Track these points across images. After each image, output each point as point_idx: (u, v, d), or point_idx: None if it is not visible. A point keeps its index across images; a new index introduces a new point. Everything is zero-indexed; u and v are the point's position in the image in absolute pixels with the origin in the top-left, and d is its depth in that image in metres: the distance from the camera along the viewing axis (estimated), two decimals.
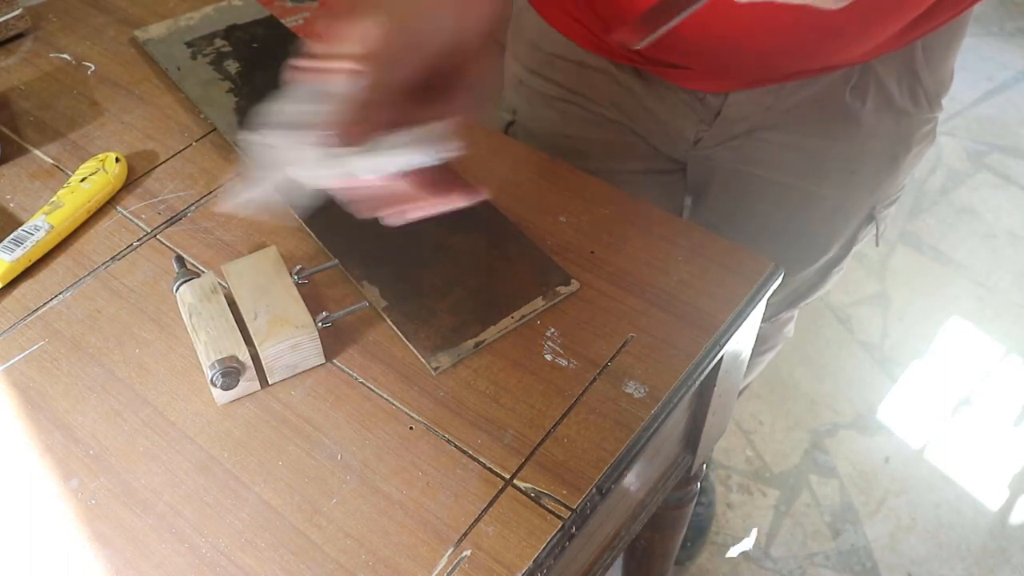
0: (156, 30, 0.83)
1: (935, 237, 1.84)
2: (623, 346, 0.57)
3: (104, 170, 0.67)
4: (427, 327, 0.57)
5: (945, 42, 0.73)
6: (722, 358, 0.60)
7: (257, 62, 0.79)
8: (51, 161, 0.72)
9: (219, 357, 0.52)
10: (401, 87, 0.43)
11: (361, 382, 0.56)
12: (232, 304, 0.56)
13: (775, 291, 0.70)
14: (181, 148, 0.72)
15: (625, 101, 0.79)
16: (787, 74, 0.71)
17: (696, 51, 0.68)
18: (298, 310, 0.55)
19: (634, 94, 0.78)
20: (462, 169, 0.69)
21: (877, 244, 0.88)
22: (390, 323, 0.58)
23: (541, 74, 0.83)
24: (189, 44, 0.81)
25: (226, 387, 0.53)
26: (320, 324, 0.55)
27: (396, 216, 0.47)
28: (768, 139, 0.76)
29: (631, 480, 0.61)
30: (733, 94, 0.73)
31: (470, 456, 0.52)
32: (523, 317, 0.58)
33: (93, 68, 0.80)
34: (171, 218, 0.66)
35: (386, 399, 0.55)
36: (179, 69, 0.78)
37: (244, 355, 0.53)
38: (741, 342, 0.64)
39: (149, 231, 0.65)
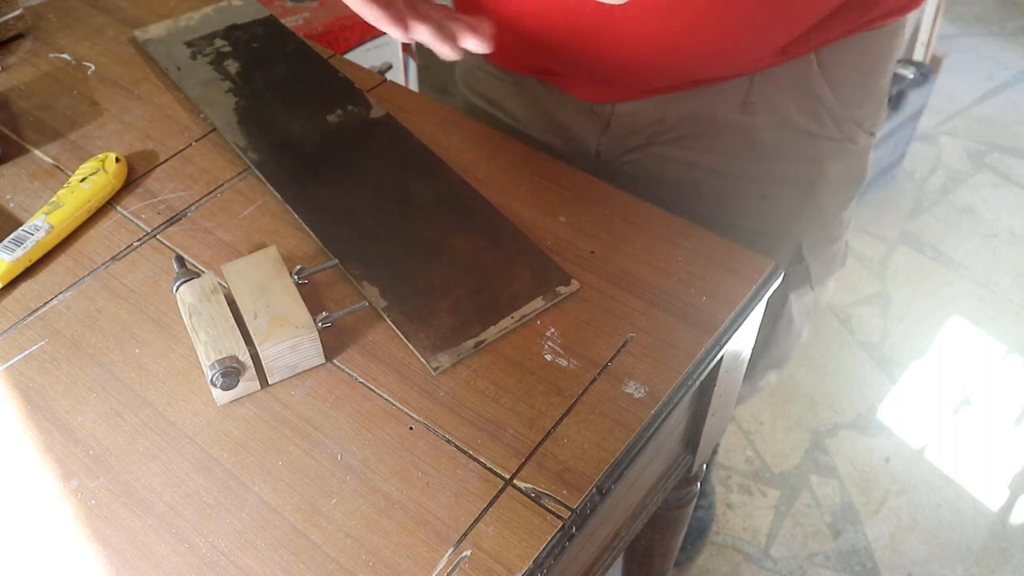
0: (156, 30, 0.83)
1: (935, 237, 1.84)
2: (623, 346, 0.57)
3: (104, 170, 0.67)
4: (427, 327, 0.57)
5: (851, 60, 0.70)
6: (722, 358, 0.60)
7: (257, 62, 0.79)
8: (51, 161, 0.72)
9: (219, 357, 0.52)
10: None
11: (361, 382, 0.56)
12: (232, 304, 0.56)
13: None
14: (181, 148, 0.72)
15: (533, 111, 0.79)
16: (665, 85, 0.69)
17: (564, 55, 0.68)
18: (298, 310, 0.55)
19: (539, 103, 0.78)
20: (461, 168, 0.69)
21: (812, 288, 0.84)
22: (390, 323, 0.58)
23: (467, 83, 0.86)
24: (189, 44, 0.81)
25: (226, 387, 0.52)
26: (320, 324, 0.55)
27: (397, 26, 0.50)
28: (667, 155, 0.75)
29: (631, 480, 0.61)
30: (620, 104, 0.72)
31: (470, 456, 0.52)
32: (523, 317, 0.58)
33: (93, 68, 0.80)
34: (171, 218, 0.66)
35: (386, 399, 0.55)
36: (179, 69, 0.78)
37: (244, 355, 0.53)
38: (741, 342, 0.64)
39: (149, 231, 0.65)
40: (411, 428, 0.53)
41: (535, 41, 0.69)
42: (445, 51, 0.51)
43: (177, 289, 0.57)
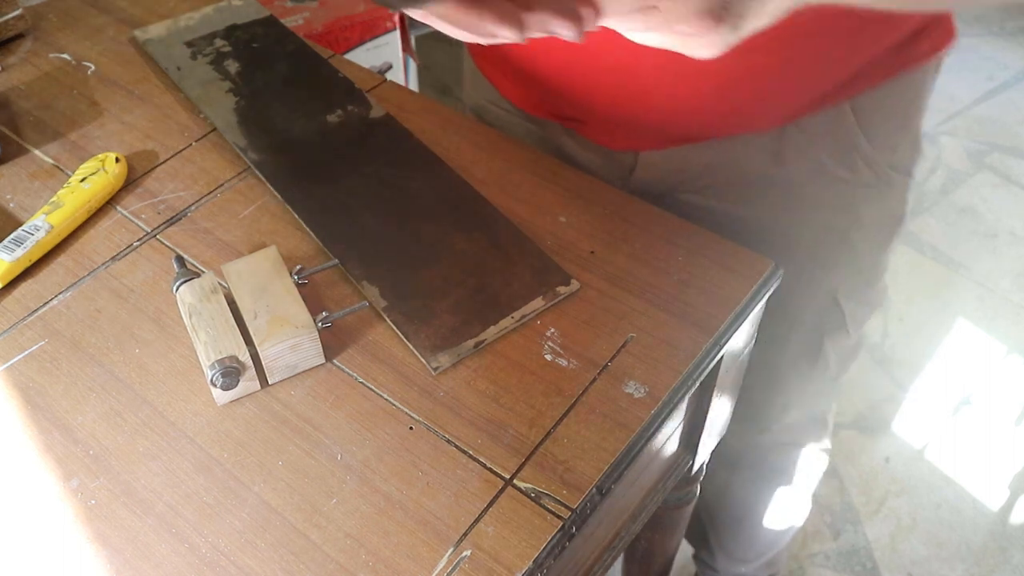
0: (156, 30, 0.83)
1: (935, 237, 1.84)
2: (623, 346, 0.57)
3: (104, 170, 0.67)
4: (427, 327, 0.57)
5: (887, 105, 0.67)
6: (722, 358, 0.60)
7: (257, 62, 0.79)
8: (51, 161, 0.72)
9: (219, 357, 0.52)
10: None
11: (361, 382, 0.56)
12: (232, 304, 0.56)
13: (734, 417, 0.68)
14: (181, 148, 0.72)
15: (551, 153, 0.76)
16: (691, 136, 0.67)
17: (585, 106, 0.67)
18: (298, 310, 0.55)
19: (557, 145, 0.76)
20: (461, 168, 0.69)
21: (849, 332, 0.80)
22: (390, 323, 0.58)
23: (480, 118, 0.82)
24: (189, 44, 0.81)
25: (226, 387, 0.52)
26: (320, 324, 0.55)
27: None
28: (693, 203, 0.73)
29: (631, 480, 0.61)
30: (643, 153, 0.70)
31: (470, 456, 0.52)
32: (523, 317, 0.58)
33: (93, 68, 0.80)
34: (171, 218, 0.66)
35: (386, 399, 0.55)
36: (179, 69, 0.78)
37: (244, 355, 0.53)
38: (741, 342, 0.64)
39: (149, 231, 0.65)
40: (411, 428, 0.53)
41: (556, 90, 0.67)
42: (571, 33, 0.39)
43: (177, 289, 0.57)
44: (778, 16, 0.41)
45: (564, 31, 0.37)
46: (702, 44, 0.40)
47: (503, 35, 0.37)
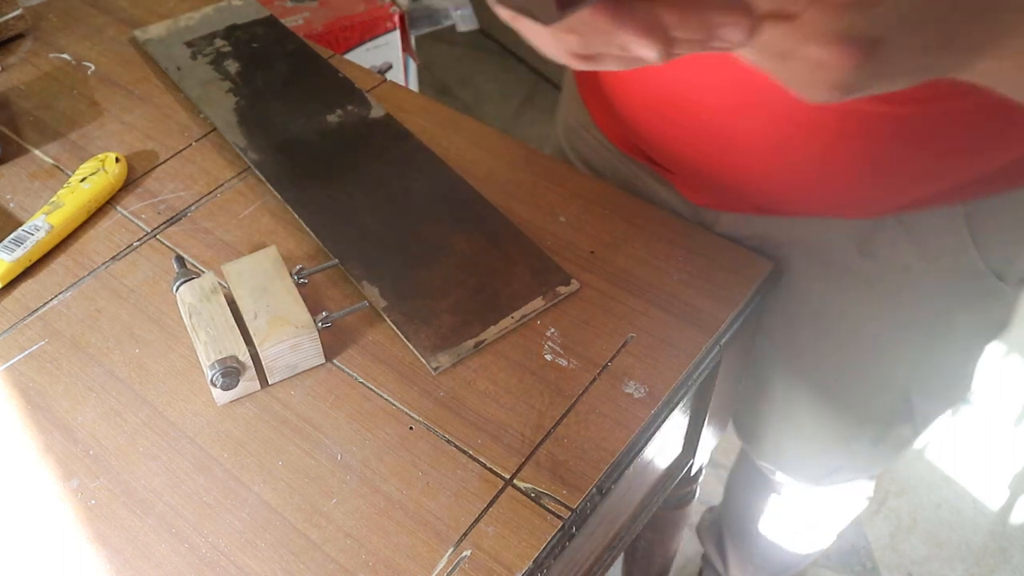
0: (156, 30, 0.83)
1: None
2: (623, 346, 0.57)
3: (104, 170, 0.67)
4: (427, 327, 0.57)
5: (1008, 216, 0.59)
6: (722, 358, 0.60)
7: (257, 62, 0.79)
8: (51, 161, 0.72)
9: (219, 357, 0.52)
10: None
11: (361, 382, 0.56)
12: (232, 304, 0.56)
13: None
14: (181, 148, 0.72)
15: (634, 191, 0.72)
16: (776, 208, 0.63)
17: (670, 154, 0.64)
18: (298, 310, 0.55)
19: (641, 186, 0.72)
20: (461, 168, 0.69)
21: (915, 429, 0.74)
22: (390, 323, 0.58)
23: (569, 141, 0.79)
24: (189, 44, 0.81)
25: (226, 387, 0.52)
26: (320, 324, 0.55)
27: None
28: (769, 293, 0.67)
29: (631, 480, 0.61)
30: (723, 214, 0.66)
31: (470, 456, 0.52)
32: (523, 317, 0.58)
33: (93, 68, 0.80)
34: (171, 218, 0.66)
35: (386, 399, 0.55)
36: (179, 69, 0.78)
37: (244, 355, 0.53)
38: (741, 342, 0.64)
39: (149, 231, 0.65)
40: (411, 428, 0.53)
41: (647, 134, 0.64)
42: (738, 37, 0.31)
43: (177, 289, 0.57)
44: (917, 80, 0.34)
45: (731, 34, 0.30)
46: (824, 81, 0.32)
47: (644, 52, 0.30)
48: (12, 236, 0.62)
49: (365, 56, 1.41)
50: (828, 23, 0.30)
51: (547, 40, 0.33)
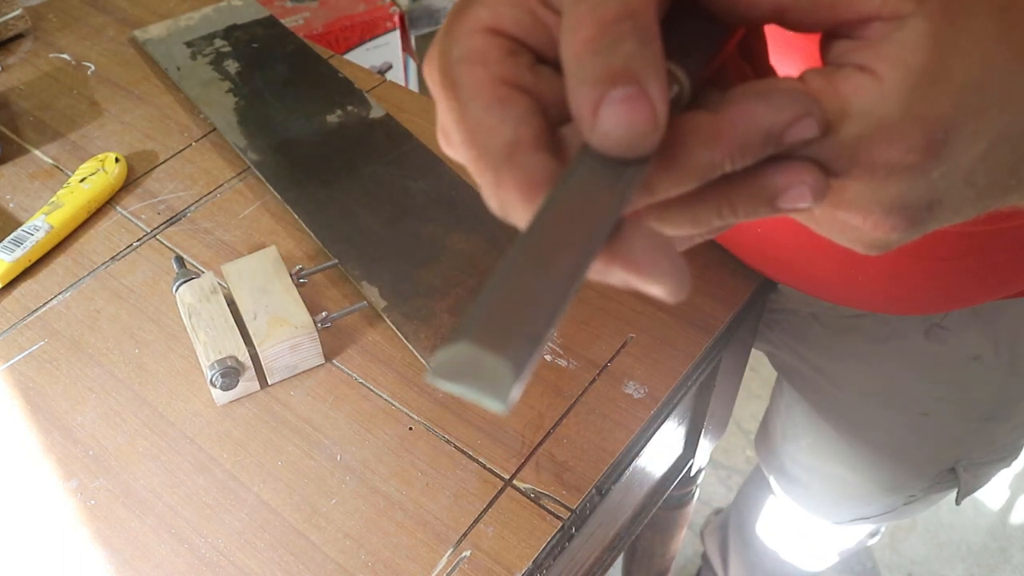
0: (156, 30, 0.83)
1: None
2: (623, 346, 0.57)
3: (104, 170, 0.67)
4: (427, 327, 0.57)
5: None
6: (722, 358, 0.60)
7: (257, 62, 0.79)
8: (51, 161, 0.72)
9: (219, 357, 0.52)
10: None
11: (361, 382, 0.56)
12: (232, 304, 0.56)
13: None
14: (181, 148, 0.72)
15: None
16: (840, 300, 0.61)
17: (725, 241, 0.61)
18: (298, 310, 0.55)
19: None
20: (461, 168, 0.69)
21: (958, 503, 0.73)
22: (390, 323, 0.58)
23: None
24: (189, 44, 0.81)
25: (226, 387, 0.52)
26: (320, 324, 0.55)
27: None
28: (819, 324, 0.66)
29: (631, 481, 0.61)
30: (784, 286, 0.65)
31: (470, 456, 0.52)
32: None
33: (93, 68, 0.80)
34: (171, 218, 0.66)
35: (386, 399, 0.55)
36: (179, 69, 0.78)
37: (244, 355, 0.53)
38: (741, 342, 0.64)
39: (149, 231, 0.65)
40: (411, 428, 0.53)
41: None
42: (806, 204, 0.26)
43: (177, 289, 0.57)
44: (976, 215, 0.29)
45: (801, 202, 0.25)
46: (860, 242, 0.28)
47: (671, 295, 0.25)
48: (12, 236, 0.62)
49: (365, 56, 1.41)
50: (872, 192, 0.25)
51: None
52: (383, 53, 1.44)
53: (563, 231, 0.21)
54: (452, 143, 0.25)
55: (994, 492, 1.44)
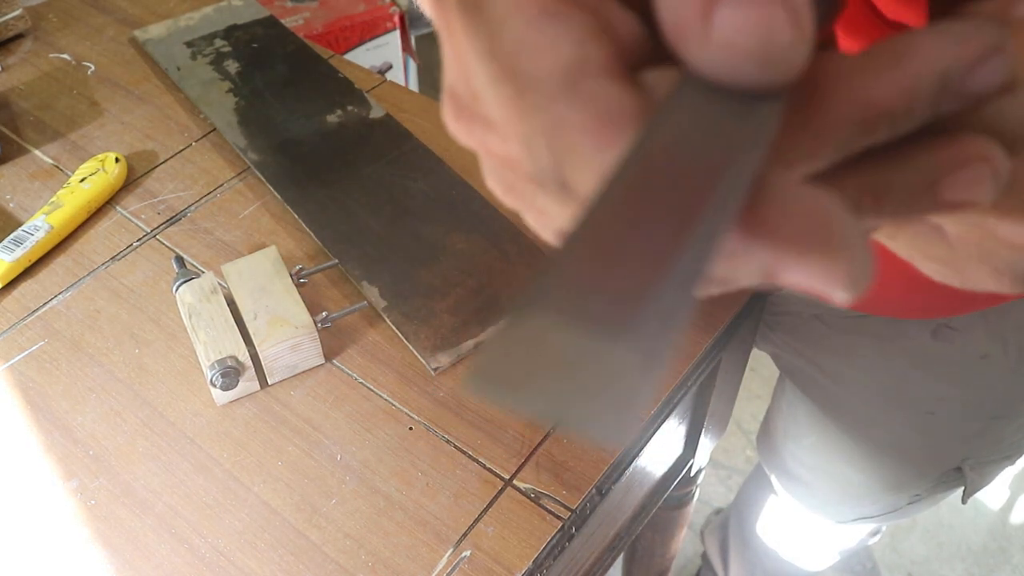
0: (156, 30, 0.83)
1: None
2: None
3: (104, 170, 0.67)
4: (427, 327, 0.57)
5: None
6: (722, 358, 0.60)
7: (257, 62, 0.79)
8: (51, 161, 0.72)
9: (219, 357, 0.52)
10: None
11: (361, 382, 0.56)
12: (232, 304, 0.56)
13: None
14: (181, 148, 0.72)
15: None
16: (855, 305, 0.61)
17: None
18: (298, 310, 0.55)
19: None
20: (461, 168, 0.69)
21: (964, 502, 0.73)
22: (390, 323, 0.58)
23: None
24: (189, 44, 0.81)
25: (226, 387, 0.52)
26: (320, 324, 0.55)
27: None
28: (826, 325, 0.66)
29: (631, 481, 0.61)
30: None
31: (470, 456, 0.52)
32: None
33: (93, 68, 0.80)
34: (171, 218, 0.66)
35: (386, 399, 0.55)
36: (179, 69, 0.78)
37: (244, 355, 0.53)
38: (741, 342, 0.64)
39: (149, 231, 0.65)
40: (411, 428, 0.53)
41: None
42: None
43: (177, 289, 0.57)
44: None
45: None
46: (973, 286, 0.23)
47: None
48: (12, 236, 0.62)
49: (365, 56, 1.41)
50: (984, 256, 0.20)
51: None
52: (383, 53, 1.44)
53: (673, 184, 0.13)
54: (469, 100, 0.18)
55: (994, 492, 1.44)
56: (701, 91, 0.15)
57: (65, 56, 0.82)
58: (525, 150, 0.17)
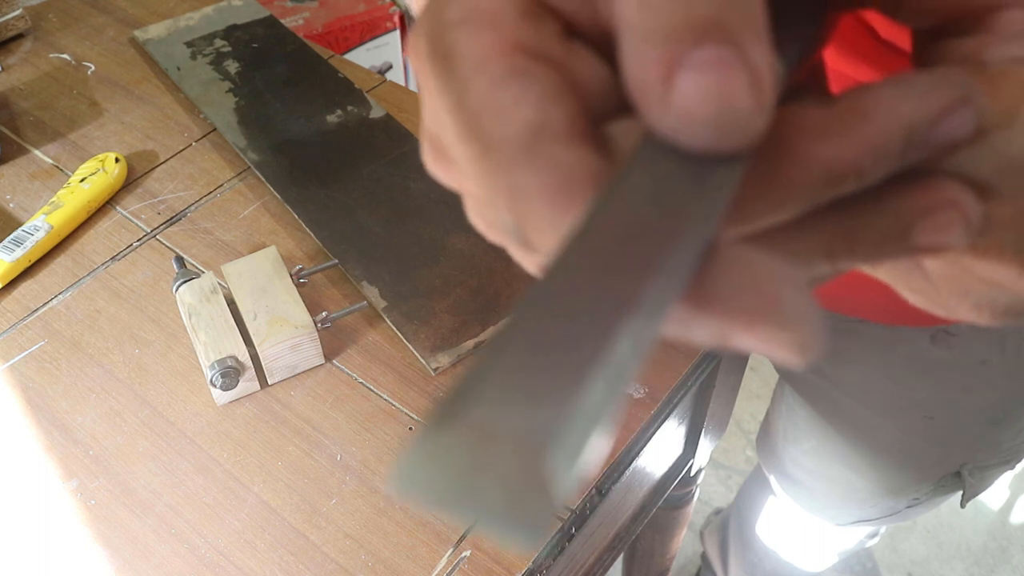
0: (156, 30, 0.83)
1: None
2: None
3: (104, 170, 0.67)
4: (427, 327, 0.57)
5: None
6: (722, 358, 0.60)
7: (257, 62, 0.79)
8: (51, 161, 0.72)
9: (219, 357, 0.52)
10: None
11: (361, 382, 0.56)
12: (232, 304, 0.56)
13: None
14: (181, 148, 0.72)
15: None
16: (847, 311, 0.61)
17: None
18: (298, 310, 0.55)
19: None
20: None
21: (963, 506, 0.73)
22: (390, 323, 0.58)
23: None
24: (189, 44, 0.81)
25: (226, 387, 0.52)
26: (320, 324, 0.55)
27: None
28: (825, 347, 0.66)
29: (631, 481, 0.61)
30: None
31: None
32: None
33: (93, 68, 0.80)
34: (171, 218, 0.66)
35: (386, 399, 0.55)
36: (179, 69, 0.78)
37: (244, 355, 0.53)
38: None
39: (149, 231, 0.65)
40: (411, 428, 0.53)
41: None
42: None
43: (177, 289, 0.57)
44: None
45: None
46: (1018, 305, 0.22)
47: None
48: (12, 236, 0.62)
49: (365, 56, 1.41)
50: (966, 291, 0.19)
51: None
52: (383, 53, 1.44)
53: (622, 255, 0.13)
54: (445, 146, 0.18)
55: (994, 492, 1.44)
56: (662, 152, 0.15)
57: (65, 56, 0.82)
58: (489, 208, 0.17)
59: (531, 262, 0.19)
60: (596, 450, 0.12)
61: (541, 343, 0.12)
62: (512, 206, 0.16)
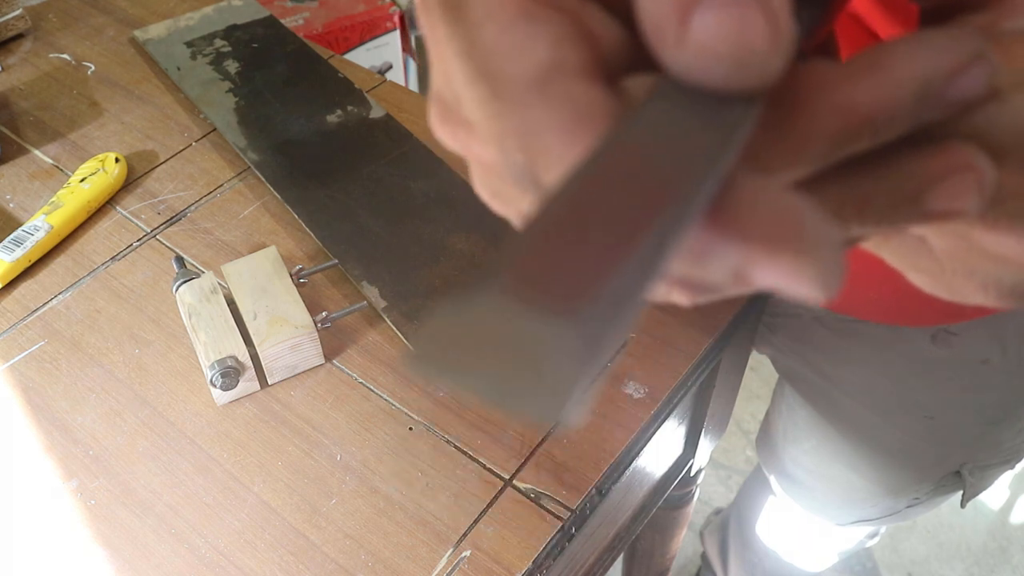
0: (156, 30, 0.83)
1: None
2: (623, 346, 0.57)
3: (104, 170, 0.67)
4: None
5: None
6: (722, 358, 0.60)
7: (257, 62, 0.79)
8: (51, 161, 0.72)
9: (219, 357, 0.52)
10: None
11: (361, 382, 0.56)
12: (232, 304, 0.56)
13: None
14: (181, 148, 0.72)
15: None
16: (849, 312, 0.62)
17: None
18: (298, 310, 0.55)
19: None
20: (461, 168, 0.69)
21: (963, 506, 0.73)
22: (390, 323, 0.58)
23: None
24: (189, 44, 0.81)
25: (225, 387, 0.52)
26: (320, 324, 0.55)
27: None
28: (823, 344, 0.66)
29: (631, 481, 0.61)
30: None
31: (470, 457, 0.52)
32: None
33: (93, 68, 0.80)
34: (171, 218, 0.66)
35: (386, 399, 0.55)
36: (179, 69, 0.78)
37: (244, 355, 0.53)
38: (741, 342, 0.64)
39: (149, 231, 0.65)
40: (411, 429, 0.53)
41: None
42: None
43: (177, 289, 0.57)
44: None
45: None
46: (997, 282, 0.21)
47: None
48: (12, 236, 0.62)
49: (365, 56, 1.41)
50: (971, 273, 0.19)
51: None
52: (383, 53, 1.44)
53: (635, 182, 0.13)
54: (452, 104, 0.18)
55: (994, 492, 1.44)
56: (678, 94, 0.15)
57: (65, 56, 0.82)
58: (499, 150, 0.17)
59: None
60: (615, 342, 0.12)
61: (565, 239, 0.12)
62: (524, 144, 0.16)
